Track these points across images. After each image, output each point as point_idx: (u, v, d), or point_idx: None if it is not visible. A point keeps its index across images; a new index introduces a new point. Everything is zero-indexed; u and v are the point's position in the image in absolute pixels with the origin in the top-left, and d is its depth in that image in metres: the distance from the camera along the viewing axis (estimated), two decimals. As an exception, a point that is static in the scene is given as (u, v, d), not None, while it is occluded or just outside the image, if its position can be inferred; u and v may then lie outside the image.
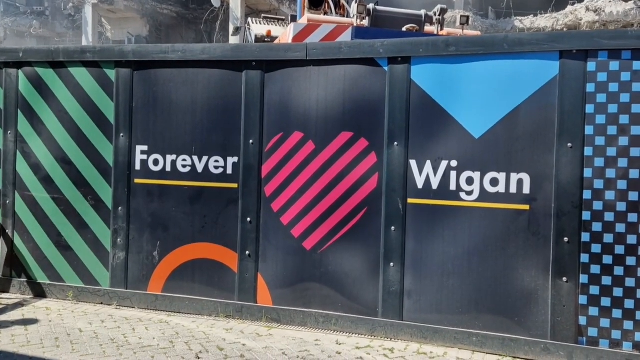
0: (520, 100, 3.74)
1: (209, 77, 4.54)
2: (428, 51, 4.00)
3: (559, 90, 3.64)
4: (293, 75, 4.37)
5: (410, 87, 4.05)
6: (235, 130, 4.47)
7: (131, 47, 4.77)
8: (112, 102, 4.70)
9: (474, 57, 3.86)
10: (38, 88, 4.86)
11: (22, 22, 29.47)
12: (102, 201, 4.72)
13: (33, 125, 4.87)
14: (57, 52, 4.82)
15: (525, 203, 3.73)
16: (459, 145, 3.90)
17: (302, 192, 4.32)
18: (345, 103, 4.23)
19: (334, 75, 4.26)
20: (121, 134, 4.68)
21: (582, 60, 3.60)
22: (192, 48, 4.60)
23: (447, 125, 3.93)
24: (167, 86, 4.61)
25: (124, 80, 4.68)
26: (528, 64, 3.72)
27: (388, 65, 4.11)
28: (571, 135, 3.62)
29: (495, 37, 3.94)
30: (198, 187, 4.55)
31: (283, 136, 4.37)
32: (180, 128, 4.58)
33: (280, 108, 4.39)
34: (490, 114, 3.80)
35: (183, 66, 4.59)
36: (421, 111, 4.02)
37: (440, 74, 3.96)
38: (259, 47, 4.58)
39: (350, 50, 4.22)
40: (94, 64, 4.75)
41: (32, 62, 4.88)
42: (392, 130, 4.08)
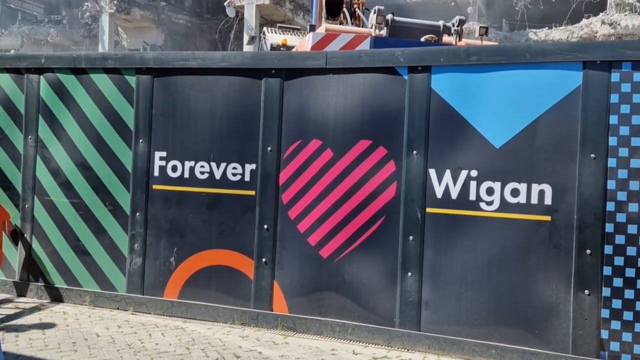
0: (542, 110, 3.71)
1: (228, 84, 4.55)
2: (449, 60, 3.99)
3: (582, 101, 3.62)
4: (312, 84, 4.37)
5: (431, 95, 4.03)
6: (254, 138, 4.48)
7: (152, 54, 4.80)
8: (132, 108, 4.73)
9: (496, 66, 3.85)
10: (59, 94, 4.90)
11: (39, 30, 29.83)
12: (120, 207, 4.73)
13: (53, 131, 4.91)
14: (79, 59, 4.86)
15: (546, 214, 3.70)
16: (479, 154, 3.88)
17: (319, 200, 4.31)
18: (364, 111, 4.22)
19: (353, 83, 4.26)
20: (140, 140, 4.70)
21: (606, 70, 3.57)
22: (212, 55, 4.63)
23: (467, 134, 3.91)
24: (186, 93, 4.63)
25: (144, 86, 4.71)
26: (551, 74, 3.69)
27: (408, 74, 4.10)
28: (594, 146, 3.59)
29: (517, 46, 3.92)
30: (216, 194, 4.55)
31: (301, 144, 4.37)
32: (199, 135, 4.60)
33: (298, 116, 4.40)
34: (512, 124, 3.78)
35: (203, 73, 4.61)
36: (441, 120, 4.00)
37: (461, 83, 3.95)
38: (279, 55, 4.60)
39: (370, 59, 4.23)
40: (115, 71, 4.78)
41: (54, 68, 4.92)
42: (411, 139, 4.06)
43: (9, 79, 5.05)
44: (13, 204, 5.01)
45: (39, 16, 32.24)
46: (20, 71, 5.01)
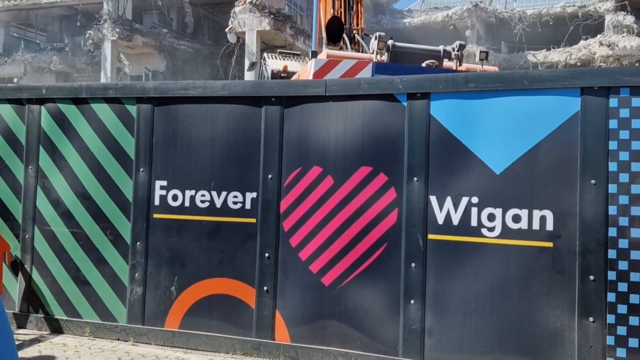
0: (541, 136, 3.72)
1: (229, 112, 4.57)
2: (447, 87, 4.01)
3: (581, 127, 3.62)
4: (312, 111, 4.39)
5: (430, 122, 4.04)
6: (254, 166, 4.48)
7: (153, 83, 4.83)
8: (133, 138, 4.75)
9: (494, 93, 3.86)
10: (60, 124, 4.93)
11: (42, 58, 30.08)
12: (121, 236, 4.72)
13: (54, 161, 4.92)
14: (80, 89, 4.89)
15: (548, 240, 3.68)
16: (479, 181, 3.87)
17: (320, 227, 4.30)
18: (364, 138, 4.23)
19: (353, 110, 4.28)
20: (141, 169, 4.71)
21: (603, 96, 3.58)
22: (212, 84, 4.66)
23: (467, 160, 3.91)
24: (187, 122, 4.65)
25: (144, 115, 4.73)
26: (549, 100, 3.71)
27: (407, 101, 4.12)
28: (594, 172, 3.58)
29: (515, 73, 3.94)
30: (216, 222, 4.54)
31: (302, 171, 4.38)
32: (200, 163, 4.60)
33: (299, 143, 4.40)
34: (511, 150, 3.78)
35: (203, 102, 4.63)
36: (441, 146, 4.00)
37: (460, 109, 3.96)
38: (279, 84, 4.63)
39: (369, 86, 4.25)
40: (115, 100, 4.81)
41: (55, 98, 4.95)
42: (412, 166, 4.06)
43: (10, 110, 5.08)
44: (13, 235, 5.00)
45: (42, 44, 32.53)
46: (22, 102, 5.04)
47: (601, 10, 28.01)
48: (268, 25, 24.87)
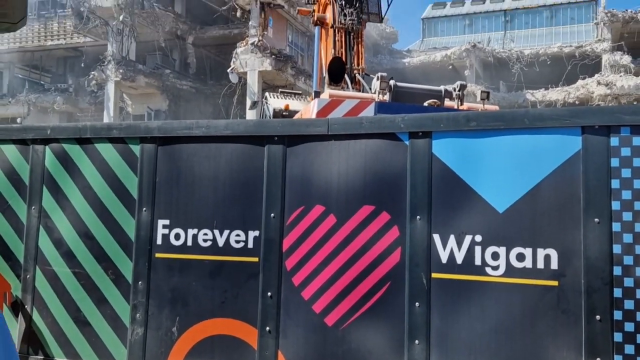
0: (544, 174, 3.73)
1: (232, 151, 4.60)
2: (449, 126, 4.04)
3: (583, 165, 3.64)
4: (314, 149, 4.41)
5: (432, 160, 4.06)
6: (257, 204, 4.48)
7: (156, 123, 4.89)
8: (136, 177, 4.77)
9: (495, 131, 3.90)
10: (64, 164, 4.96)
11: (46, 99, 30.45)
12: (123, 276, 4.70)
13: (57, 201, 4.93)
14: (84, 129, 4.94)
15: (553, 279, 3.66)
16: (482, 219, 3.87)
17: (323, 266, 4.28)
18: (367, 176, 4.25)
19: (355, 149, 4.30)
20: (144, 208, 4.71)
21: (604, 135, 3.61)
22: (215, 124, 4.70)
23: (470, 199, 3.92)
24: (190, 161, 4.67)
25: (148, 155, 4.76)
26: (550, 139, 3.74)
27: (409, 140, 4.15)
28: (597, 210, 3.58)
29: (516, 112, 3.99)
30: (219, 261, 4.52)
31: (304, 210, 4.38)
32: (202, 202, 4.61)
33: (301, 181, 4.42)
34: (514, 188, 3.79)
35: (206, 141, 4.67)
36: (443, 185, 4.02)
37: (462, 148, 3.99)
38: (281, 123, 4.67)
39: (371, 125, 4.28)
40: (119, 140, 4.85)
41: (59, 138, 5.00)
42: (415, 204, 4.06)
43: (14, 150, 5.11)
44: (14, 275, 4.98)
45: (46, 85, 32.98)
46: (27, 142, 5.08)
47: (598, 50, 28.47)
48: (269, 65, 25.28)
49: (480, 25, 40.27)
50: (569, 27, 36.70)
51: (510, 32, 38.04)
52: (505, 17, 39.50)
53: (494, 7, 40.72)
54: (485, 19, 40.39)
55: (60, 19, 32.48)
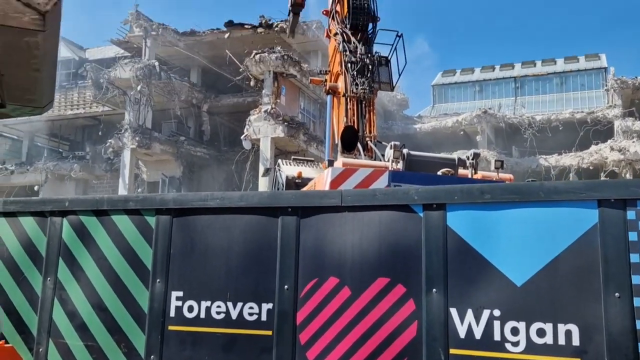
0: (561, 248, 3.69)
1: (246, 223, 4.61)
2: (463, 198, 4.04)
3: (601, 239, 3.60)
4: (328, 221, 4.41)
5: (447, 233, 4.04)
6: (270, 276, 4.45)
7: (172, 195, 4.94)
8: (151, 249, 4.78)
9: (510, 204, 3.89)
10: (80, 235, 4.99)
11: (63, 166, 30.97)
12: (135, 349, 4.63)
13: (72, 272, 4.94)
14: (101, 202, 5.00)
15: (575, 356, 3.55)
16: (500, 293, 3.81)
17: (338, 340, 4.19)
18: (381, 248, 4.22)
19: (369, 220, 4.30)
20: (158, 280, 4.70)
21: (621, 208, 3.59)
22: (230, 195, 4.74)
23: (486, 272, 3.87)
24: (204, 232, 4.69)
25: (163, 226, 4.79)
26: (566, 212, 3.72)
27: (423, 212, 4.14)
28: (618, 285, 3.52)
29: (531, 185, 3.98)
30: (232, 334, 4.45)
31: (318, 282, 4.34)
32: (216, 274, 4.59)
33: (315, 253, 4.40)
34: (532, 262, 3.75)
35: (221, 213, 4.69)
36: (459, 258, 3.98)
37: (477, 220, 3.97)
38: (295, 194, 4.70)
39: (385, 197, 4.30)
40: (135, 212, 4.89)
41: (77, 210, 5.05)
42: (430, 277, 4.02)
43: (32, 222, 5.17)
44: (27, 348, 4.93)
45: (64, 153, 33.65)
46: (45, 214, 5.14)
47: (610, 116, 28.68)
48: (282, 132, 25.66)
49: (491, 91, 40.89)
50: (580, 93, 37.14)
51: (521, 98, 38.54)
52: (515, 83, 40.12)
53: (503, 74, 41.45)
54: (495, 86, 41.04)
55: (80, 89, 33.52)
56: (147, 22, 29.78)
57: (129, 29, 30.61)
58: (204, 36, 30.51)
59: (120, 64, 28.78)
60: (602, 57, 39.74)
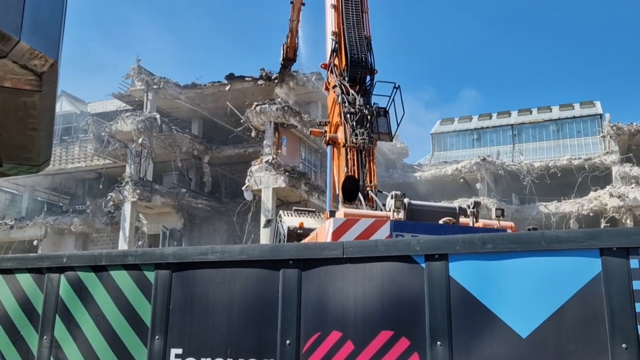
0: (565, 298, 3.64)
1: (246, 276, 4.56)
2: (465, 248, 4.01)
3: (605, 288, 3.55)
4: (330, 273, 4.37)
5: (450, 284, 3.99)
6: (272, 330, 4.37)
7: (171, 249, 4.90)
8: (150, 304, 4.71)
9: (512, 254, 3.85)
10: (78, 292, 4.93)
11: (63, 220, 30.87)
12: (133, 410, 4.51)
13: (69, 330, 4.85)
14: (99, 257, 4.96)
15: (585, 410, 3.45)
16: (505, 345, 3.73)
17: (342, 398, 4.08)
18: (384, 300, 4.16)
19: (371, 272, 4.25)
20: (156, 336, 4.61)
21: (624, 257, 3.56)
22: (230, 249, 4.70)
23: (491, 323, 3.80)
24: (204, 286, 4.63)
25: (162, 281, 4.73)
26: (569, 261, 3.68)
27: (425, 262, 4.10)
28: (624, 335, 3.45)
29: (532, 234, 3.96)
30: (232, 393, 4.34)
31: (321, 336, 4.25)
32: (217, 329, 4.51)
33: (317, 306, 4.33)
34: (536, 313, 3.68)
35: (221, 266, 4.64)
36: (463, 309, 3.91)
37: (480, 270, 3.93)
38: (296, 247, 4.67)
39: (386, 248, 4.26)
40: (134, 267, 4.84)
41: (74, 266, 5.01)
42: (434, 329, 3.94)
43: (29, 279, 5.11)
44: (21, 410, 4.80)
45: (64, 207, 33.62)
46: (42, 271, 5.09)
47: (607, 162, 28.82)
48: (283, 182, 25.73)
49: (489, 139, 41.24)
50: (576, 140, 37.46)
51: (519, 145, 38.82)
52: (512, 131, 40.50)
53: (501, 122, 41.89)
54: (493, 133, 41.42)
55: (81, 143, 33.81)
56: (149, 76, 30.28)
57: (130, 83, 31.11)
58: (205, 89, 30.98)
59: (121, 117, 29.12)
60: (596, 104, 40.28)
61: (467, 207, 7.92)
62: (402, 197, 7.81)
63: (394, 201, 7.67)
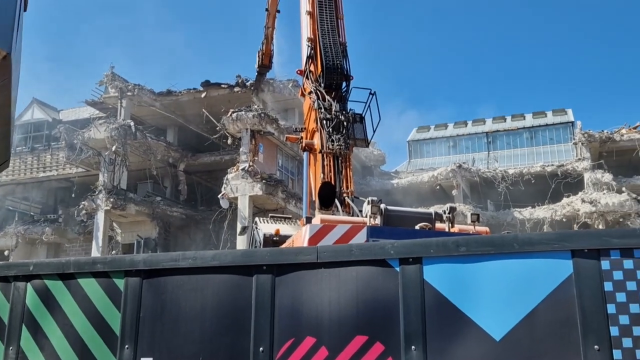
0: (538, 299, 3.64)
1: (219, 282, 4.49)
2: (439, 251, 3.99)
3: (577, 289, 3.56)
4: (304, 278, 4.32)
5: (424, 287, 3.97)
6: (245, 337, 4.30)
7: (142, 256, 4.80)
8: (119, 313, 4.61)
9: (486, 256, 3.85)
10: (45, 301, 4.80)
11: (34, 230, 30.27)
12: (101, 421, 4.39)
13: (36, 340, 4.72)
14: (67, 264, 4.84)
15: (558, 412, 3.45)
16: (479, 348, 3.72)
17: (316, 404, 4.03)
18: (358, 305, 4.12)
19: (345, 276, 4.21)
20: (126, 345, 4.51)
21: (595, 259, 3.57)
22: (202, 255, 4.63)
23: (465, 327, 3.79)
24: (175, 294, 4.55)
25: (132, 289, 4.64)
26: (541, 263, 3.69)
27: (400, 266, 4.08)
28: (596, 336, 3.46)
29: (505, 237, 3.96)
30: (204, 401, 4.25)
31: (295, 342, 4.20)
32: (188, 336, 4.43)
33: (291, 312, 4.28)
34: (510, 315, 3.68)
35: (193, 273, 4.56)
36: (437, 312, 3.89)
37: (454, 274, 3.92)
38: (270, 252, 4.61)
39: (361, 252, 4.23)
40: (103, 275, 4.74)
41: (42, 274, 4.88)
42: (409, 334, 3.91)
43: (-5, 288, 4.98)
44: (-15, 423, 4.65)
45: (36, 216, 32.98)
46: (8, 279, 4.95)
47: (579, 169, 29.28)
48: (260, 190, 25.57)
49: (464, 146, 41.62)
50: (549, 147, 38.00)
51: (494, 153, 39.26)
52: (487, 138, 40.94)
53: (475, 130, 42.33)
54: (468, 141, 41.82)
55: (53, 151, 33.24)
56: (123, 83, 29.91)
57: (104, 90, 30.71)
58: (181, 96, 30.71)
59: (94, 125, 28.67)
60: (568, 111, 40.94)
61: (443, 212, 7.95)
62: (378, 202, 7.81)
63: (370, 207, 7.66)
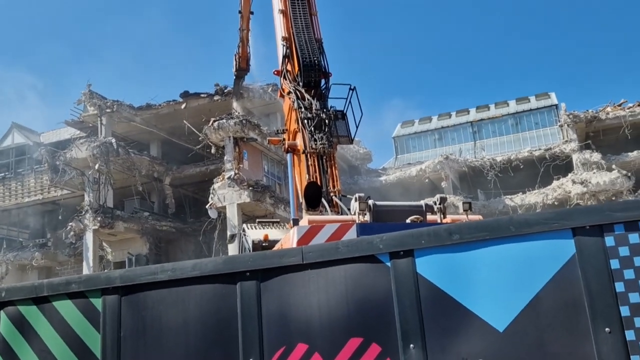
0: (540, 284, 3.40)
1: (201, 293, 4.24)
2: (431, 242, 3.75)
3: (581, 270, 3.33)
4: (290, 281, 4.08)
5: (418, 281, 3.73)
6: (233, 349, 4.05)
7: (119, 272, 4.54)
8: (99, 334, 4.34)
9: (481, 243, 3.61)
10: (20, 328, 4.52)
11: (24, 256, 29.89)
12: None
13: (11, 370, 4.44)
14: (40, 287, 4.57)
15: (572, 402, 3.22)
16: (483, 341, 3.48)
17: (313, 414, 3.78)
18: (350, 305, 3.88)
19: (334, 276, 3.97)
20: (108, 368, 4.24)
21: (598, 235, 3.33)
22: (181, 266, 4.37)
23: (465, 319, 3.55)
24: (156, 309, 4.28)
25: (111, 308, 4.37)
26: (541, 245, 3.45)
27: (390, 261, 3.84)
28: (606, 318, 3.22)
29: (500, 220, 3.72)
30: (194, 421, 3.99)
31: (286, 350, 3.95)
32: (172, 353, 4.17)
33: (279, 318, 4.03)
34: (512, 303, 3.44)
35: (173, 285, 4.31)
36: (434, 307, 3.65)
37: (449, 264, 3.68)
38: (252, 257, 4.36)
39: (348, 249, 3.99)
40: (79, 295, 4.46)
41: (15, 300, 4.60)
42: (406, 331, 3.67)
43: (-34, 318, 4.68)
44: None
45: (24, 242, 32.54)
46: (-20, 307, 4.67)
47: (567, 151, 29.26)
48: (248, 197, 25.36)
49: (450, 138, 41.58)
50: (535, 131, 38.04)
51: (480, 142, 39.25)
52: (472, 128, 40.92)
53: (460, 120, 42.31)
54: (453, 132, 41.78)
55: (36, 174, 32.78)
56: (101, 100, 29.55)
57: (83, 109, 30.32)
58: (161, 109, 30.40)
59: (75, 144, 28.28)
60: (551, 95, 41.01)
61: (434, 203, 7.76)
62: (366, 199, 7.60)
63: (358, 204, 7.45)
